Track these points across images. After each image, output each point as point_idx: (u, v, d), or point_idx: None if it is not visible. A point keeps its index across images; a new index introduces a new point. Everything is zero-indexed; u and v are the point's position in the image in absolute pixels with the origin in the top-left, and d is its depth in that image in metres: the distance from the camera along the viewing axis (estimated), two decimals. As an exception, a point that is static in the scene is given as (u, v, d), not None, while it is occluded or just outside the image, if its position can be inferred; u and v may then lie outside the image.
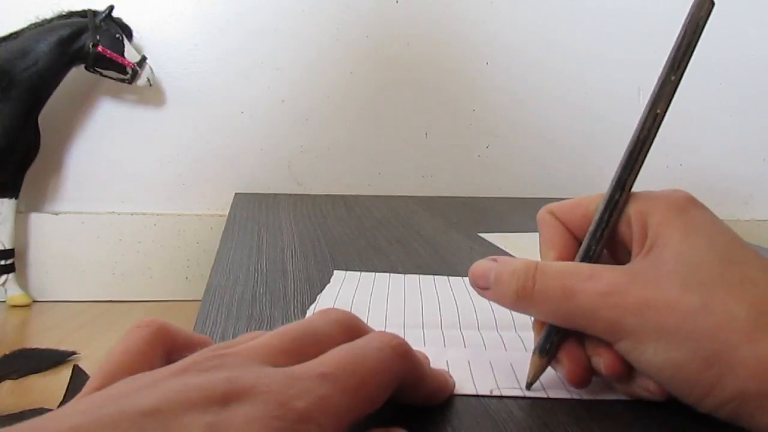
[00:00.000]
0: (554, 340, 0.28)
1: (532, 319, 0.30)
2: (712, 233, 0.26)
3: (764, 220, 1.51)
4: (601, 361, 0.27)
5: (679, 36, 0.28)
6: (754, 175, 1.52)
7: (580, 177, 1.43)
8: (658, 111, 0.28)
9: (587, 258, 0.29)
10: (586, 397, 0.29)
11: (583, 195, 0.31)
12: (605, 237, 0.29)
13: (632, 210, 0.28)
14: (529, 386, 0.29)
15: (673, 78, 0.28)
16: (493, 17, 1.36)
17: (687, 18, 0.28)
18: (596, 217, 0.29)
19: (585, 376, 0.28)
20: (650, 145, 0.28)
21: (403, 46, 1.35)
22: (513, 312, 0.41)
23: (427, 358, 0.28)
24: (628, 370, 0.27)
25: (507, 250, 0.64)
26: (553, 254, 0.30)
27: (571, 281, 0.27)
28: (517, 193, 1.39)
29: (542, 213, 0.31)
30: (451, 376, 0.29)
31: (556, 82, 1.40)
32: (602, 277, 0.26)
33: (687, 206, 0.27)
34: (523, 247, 0.66)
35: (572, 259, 0.30)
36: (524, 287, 0.28)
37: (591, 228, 0.29)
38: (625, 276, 0.26)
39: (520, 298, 0.28)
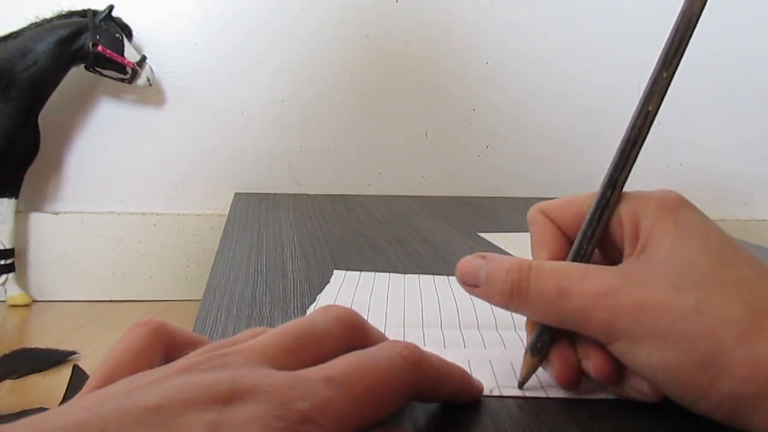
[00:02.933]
0: (545, 339, 0.28)
1: (526, 318, 0.30)
2: (705, 234, 0.26)
3: (764, 220, 1.51)
4: (590, 363, 0.27)
5: (671, 32, 0.28)
6: (754, 175, 1.52)
7: (580, 176, 1.43)
8: (650, 108, 0.28)
9: (579, 257, 0.29)
10: (585, 397, 0.29)
11: (574, 194, 0.31)
12: (597, 236, 0.28)
13: (624, 210, 0.28)
14: (521, 385, 0.29)
15: (664, 75, 0.28)
16: (493, 17, 1.36)
17: (679, 14, 0.27)
18: (588, 216, 0.29)
19: (574, 377, 0.28)
20: (642, 143, 0.28)
21: (403, 46, 1.35)
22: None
23: (445, 361, 0.26)
24: (617, 373, 0.27)
25: (507, 250, 0.64)
26: (545, 254, 0.30)
27: (566, 282, 0.27)
28: (517, 193, 1.39)
29: (533, 212, 0.31)
30: (478, 380, 0.29)
31: (556, 82, 1.40)
32: (596, 278, 0.26)
33: (678, 207, 0.27)
34: (523, 247, 0.66)
35: (564, 258, 0.29)
36: (519, 287, 0.27)
37: (583, 227, 0.29)
38: (619, 277, 0.26)
39: (514, 298, 0.28)
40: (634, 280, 0.26)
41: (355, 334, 0.25)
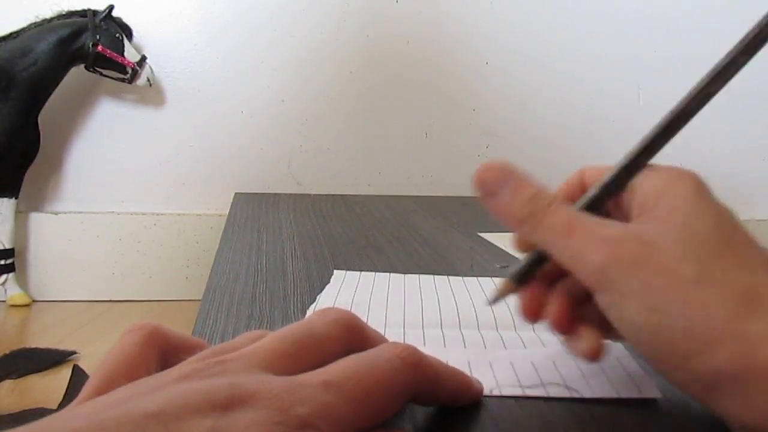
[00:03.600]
0: (532, 271, 0.29)
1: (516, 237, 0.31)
2: (720, 212, 0.26)
3: (764, 220, 1.51)
4: (551, 309, 0.28)
5: (763, 19, 0.27)
6: (754, 175, 1.52)
7: (580, 177, 1.43)
8: (711, 90, 0.28)
9: (590, 205, 0.29)
10: (586, 396, 0.29)
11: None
12: (615, 191, 0.28)
13: (643, 176, 0.28)
14: (491, 303, 0.30)
15: (741, 60, 0.27)
16: (492, 17, 1.36)
17: None
18: (613, 172, 0.28)
19: (567, 324, 0.28)
20: (690, 120, 0.28)
21: (403, 46, 1.35)
22: (513, 312, 0.41)
23: (444, 364, 0.26)
24: (571, 326, 0.28)
25: (507, 250, 0.64)
26: (561, 195, 0.31)
27: (580, 221, 0.27)
28: (517, 192, 1.39)
29: (573, 172, 0.32)
30: (478, 381, 0.29)
31: (556, 82, 1.40)
32: (609, 226, 0.26)
33: (697, 182, 0.27)
34: (523, 247, 0.66)
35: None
36: (534, 218, 0.28)
37: (604, 179, 0.29)
38: (631, 231, 0.26)
39: (529, 221, 0.28)
40: (643, 236, 0.25)
41: (353, 336, 0.25)
